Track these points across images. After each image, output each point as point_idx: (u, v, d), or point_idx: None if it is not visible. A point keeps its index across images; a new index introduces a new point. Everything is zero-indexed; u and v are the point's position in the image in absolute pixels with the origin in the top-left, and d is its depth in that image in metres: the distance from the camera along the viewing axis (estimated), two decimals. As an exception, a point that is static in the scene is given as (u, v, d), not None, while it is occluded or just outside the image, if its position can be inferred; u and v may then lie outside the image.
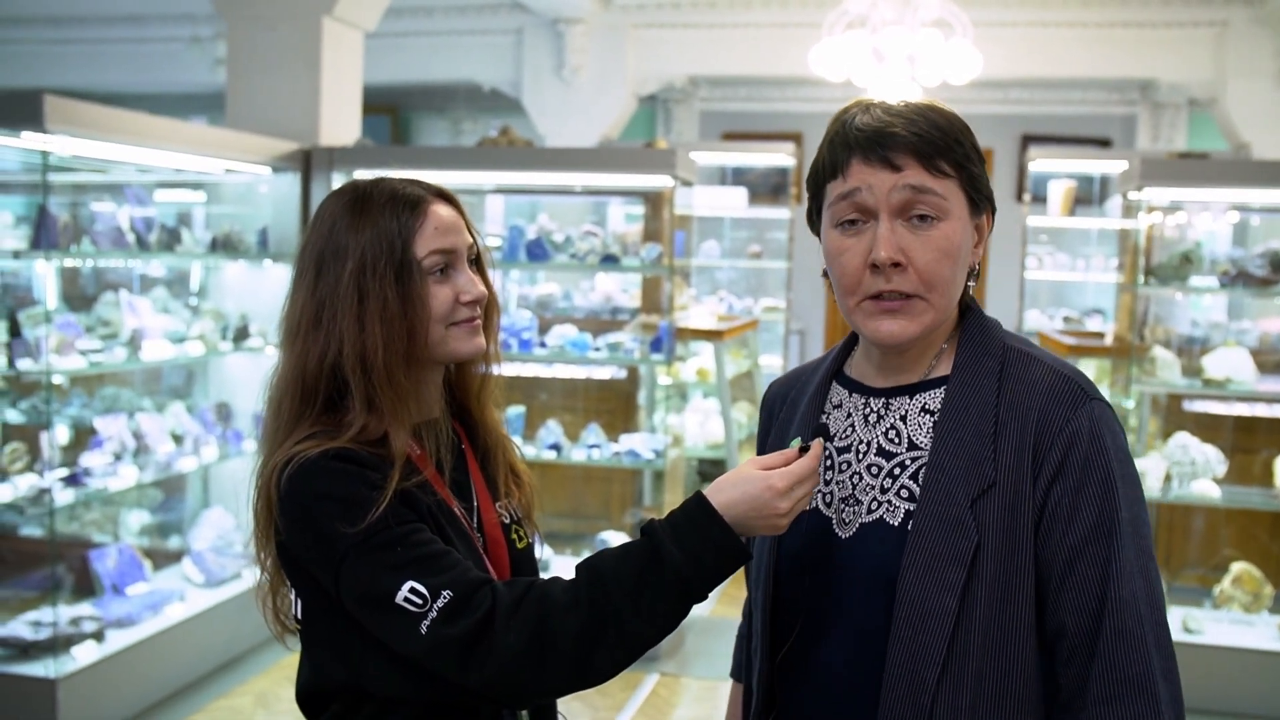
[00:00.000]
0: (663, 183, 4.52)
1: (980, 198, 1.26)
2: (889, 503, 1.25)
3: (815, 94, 8.81)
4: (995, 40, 6.87)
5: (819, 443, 1.25)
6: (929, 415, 1.26)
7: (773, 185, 8.09)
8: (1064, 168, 6.32)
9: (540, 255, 4.65)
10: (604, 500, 5.41)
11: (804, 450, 1.25)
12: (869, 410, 1.31)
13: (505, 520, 1.47)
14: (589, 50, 7.88)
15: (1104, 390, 4.77)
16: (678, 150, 4.53)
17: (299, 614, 1.37)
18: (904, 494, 1.24)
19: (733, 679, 1.59)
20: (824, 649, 1.27)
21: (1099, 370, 5.08)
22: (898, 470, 1.26)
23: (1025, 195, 6.24)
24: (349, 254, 1.31)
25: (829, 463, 1.32)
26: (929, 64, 5.91)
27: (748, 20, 7.68)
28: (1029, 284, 6.36)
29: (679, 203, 4.61)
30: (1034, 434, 1.19)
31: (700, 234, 7.23)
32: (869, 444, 1.29)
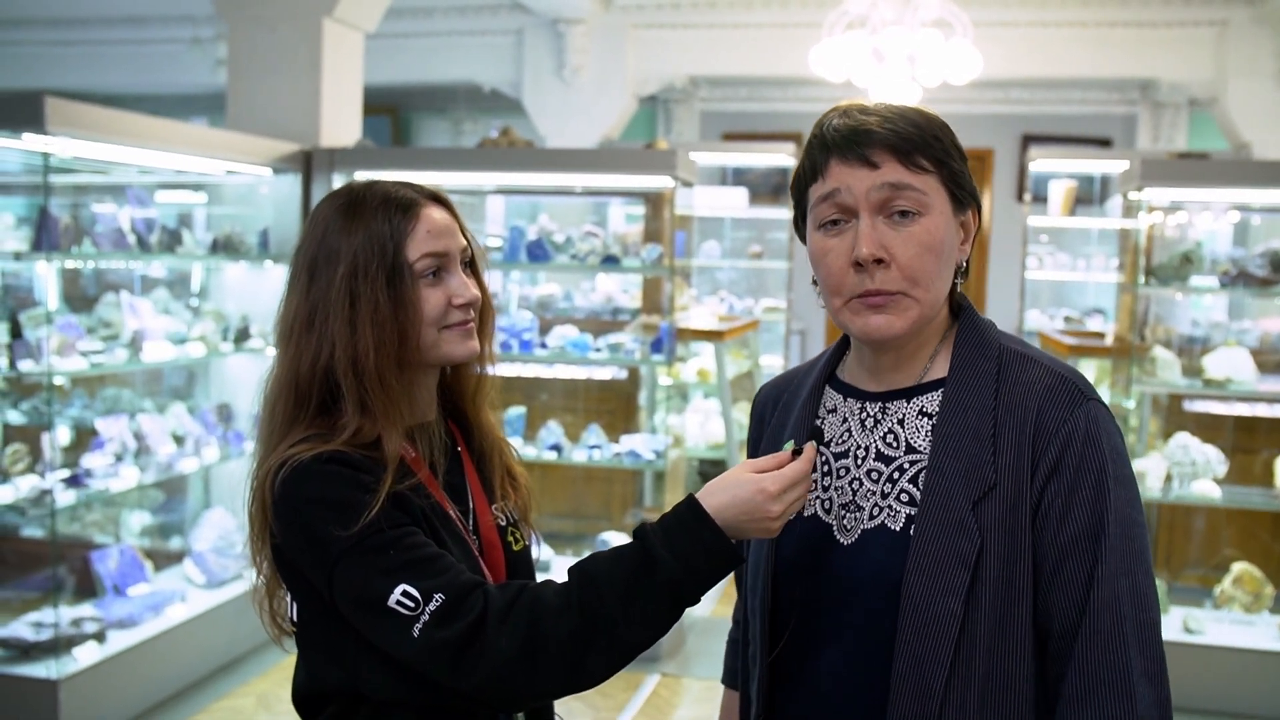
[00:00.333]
0: (663, 183, 4.51)
1: (963, 194, 1.25)
2: (889, 508, 1.24)
3: (815, 94, 8.80)
4: (995, 40, 6.86)
5: (811, 446, 1.25)
6: (927, 418, 1.26)
7: (773, 185, 8.10)
8: (1064, 168, 6.32)
9: (541, 256, 4.66)
10: (605, 501, 5.41)
11: (797, 454, 1.24)
12: (865, 415, 1.31)
13: (501, 523, 1.47)
14: (589, 51, 7.87)
15: (1104, 390, 4.81)
16: (678, 151, 4.53)
17: (294, 617, 1.38)
18: (904, 498, 1.24)
19: (724, 685, 1.57)
20: (825, 655, 1.27)
21: (1099, 370, 5.07)
22: (897, 475, 1.25)
23: (1026, 195, 6.25)
24: (341, 257, 1.32)
25: (826, 468, 1.31)
26: (929, 64, 5.90)
27: (748, 20, 7.67)
28: (1029, 284, 6.36)
29: (679, 203, 4.61)
30: (1031, 434, 1.19)
31: (701, 234, 7.23)
32: (867, 449, 1.29)
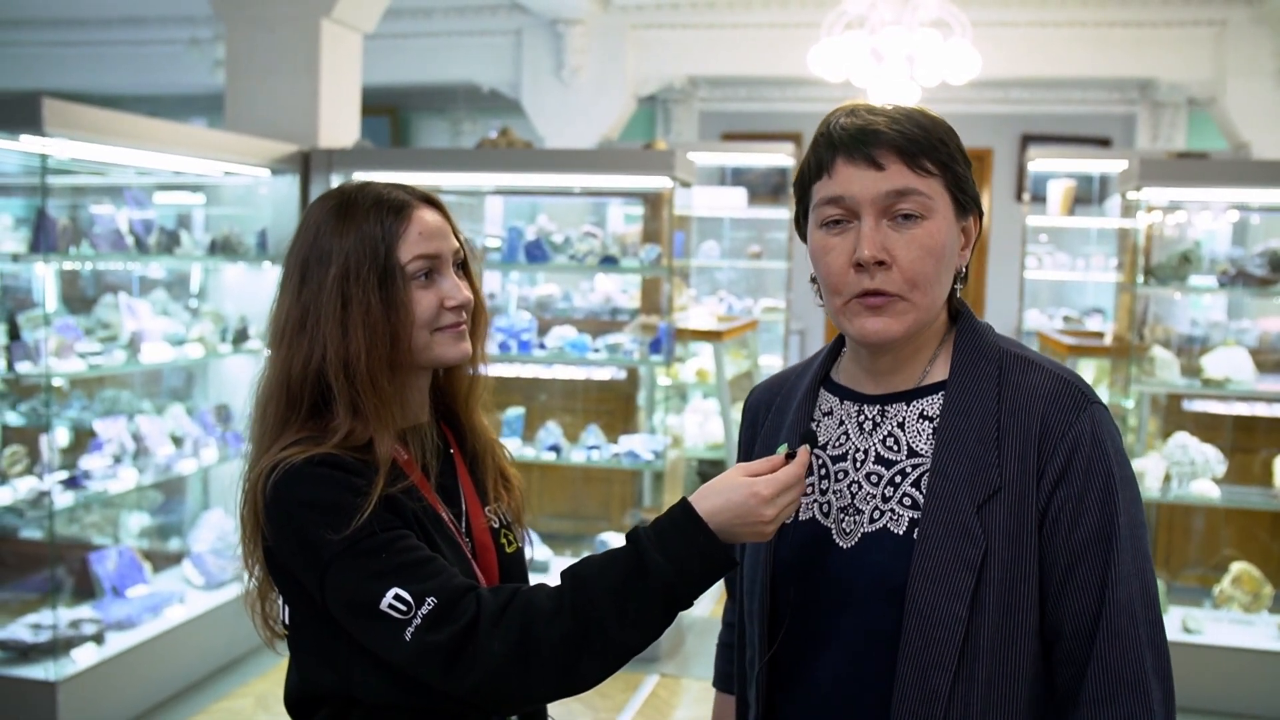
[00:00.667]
0: (662, 183, 4.51)
1: (966, 199, 1.25)
2: (892, 511, 1.24)
3: (814, 94, 8.80)
4: (995, 40, 6.86)
5: (805, 449, 1.24)
6: (928, 422, 1.26)
7: (772, 185, 8.09)
8: (1064, 167, 6.32)
9: (539, 256, 4.65)
10: (604, 501, 5.41)
11: (790, 457, 1.24)
12: (863, 418, 1.30)
13: (494, 525, 1.46)
14: (588, 51, 7.87)
15: (1103, 390, 4.81)
16: (677, 151, 4.53)
17: (287, 620, 1.37)
18: (907, 502, 1.23)
19: (716, 689, 1.57)
20: (825, 658, 1.26)
21: (1099, 370, 5.07)
22: (899, 478, 1.25)
23: (1025, 195, 6.24)
24: (333, 259, 1.31)
25: (824, 472, 1.31)
26: (928, 64, 5.90)
27: (747, 20, 7.67)
28: (1029, 283, 6.36)
29: (678, 203, 4.61)
30: (1037, 439, 1.19)
31: (700, 234, 7.23)
32: (866, 452, 1.28)
